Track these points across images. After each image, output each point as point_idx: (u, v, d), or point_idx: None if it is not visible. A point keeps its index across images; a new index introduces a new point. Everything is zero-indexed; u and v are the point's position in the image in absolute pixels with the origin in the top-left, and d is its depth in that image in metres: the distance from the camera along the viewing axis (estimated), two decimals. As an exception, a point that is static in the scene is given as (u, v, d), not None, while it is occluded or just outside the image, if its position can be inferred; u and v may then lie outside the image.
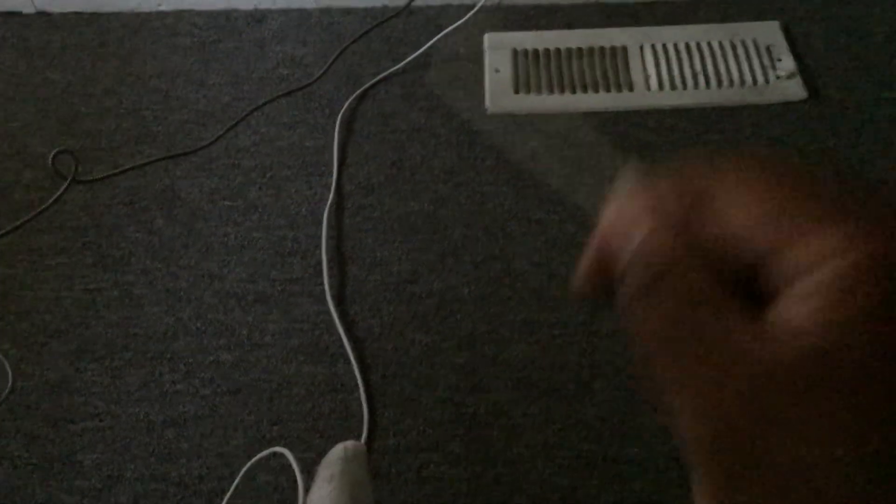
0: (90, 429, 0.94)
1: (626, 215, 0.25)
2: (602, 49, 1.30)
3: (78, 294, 1.06)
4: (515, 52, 1.31)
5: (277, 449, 0.82)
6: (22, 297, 1.06)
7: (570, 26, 1.35)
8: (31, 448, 0.93)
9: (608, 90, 1.24)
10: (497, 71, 1.28)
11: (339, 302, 1.03)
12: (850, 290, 0.21)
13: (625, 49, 1.30)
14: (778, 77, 1.23)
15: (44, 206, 1.13)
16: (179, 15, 1.43)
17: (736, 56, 1.27)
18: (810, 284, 0.22)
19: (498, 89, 1.26)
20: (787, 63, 1.25)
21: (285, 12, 1.41)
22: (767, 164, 0.24)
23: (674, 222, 0.24)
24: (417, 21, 1.37)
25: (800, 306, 0.22)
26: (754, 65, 1.25)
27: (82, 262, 1.09)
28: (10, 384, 0.96)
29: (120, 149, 1.22)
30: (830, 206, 0.23)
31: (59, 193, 1.13)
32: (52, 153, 1.11)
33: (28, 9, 1.44)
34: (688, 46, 1.29)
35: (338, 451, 0.72)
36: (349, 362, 0.97)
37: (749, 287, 0.24)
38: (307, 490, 0.73)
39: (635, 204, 0.25)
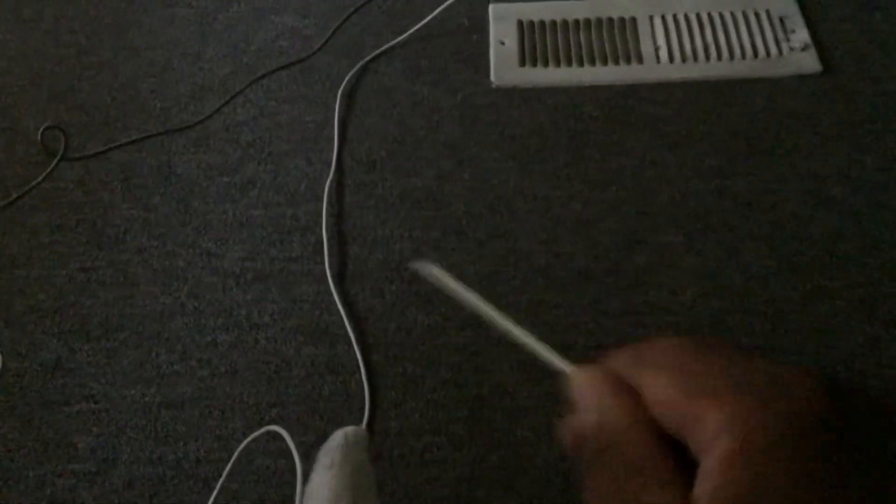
0: (84, 411, 0.92)
1: (581, 398, 0.34)
2: (611, 20, 1.26)
3: (72, 273, 1.03)
4: (521, 24, 1.27)
5: (272, 427, 0.79)
6: (14, 276, 1.03)
7: (577, -3, 1.31)
8: (23, 430, 0.90)
9: (617, 62, 1.21)
10: (502, 43, 1.25)
11: (340, 281, 1.00)
12: (729, 474, 0.27)
13: (634, 20, 1.26)
14: (792, 49, 1.20)
15: (33, 184, 1.10)
16: (176, -15, 1.39)
17: (749, 27, 1.23)
18: (707, 463, 0.28)
19: (503, 62, 1.22)
20: (802, 35, 1.21)
21: (284, -17, 1.37)
22: (681, 352, 0.32)
23: (615, 407, 0.32)
24: (420, -8, 1.33)
25: (703, 484, 0.28)
26: (767, 36, 1.22)
27: (76, 240, 1.06)
28: (1, 364, 0.94)
29: (115, 123, 1.19)
30: (720, 386, 0.29)
31: (48, 170, 1.10)
32: (41, 129, 1.08)
33: (21, -21, 1.40)
34: (699, 17, 1.25)
35: (338, 436, 0.70)
36: (350, 343, 0.95)
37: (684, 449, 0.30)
38: (306, 474, 0.71)
39: (587, 393, 0.34)
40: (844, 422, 0.29)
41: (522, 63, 1.22)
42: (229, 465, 0.82)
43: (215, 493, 0.83)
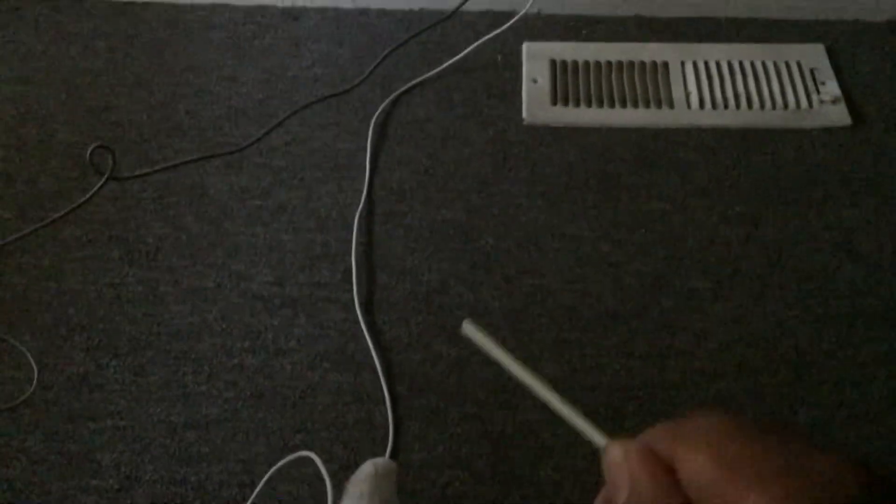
0: (110, 427, 0.92)
1: (615, 473, 0.33)
2: (643, 64, 1.28)
3: (102, 288, 1.04)
4: (554, 63, 1.29)
5: (305, 453, 0.80)
6: (45, 290, 1.04)
7: (610, 39, 1.32)
8: (49, 444, 0.91)
9: (648, 106, 1.22)
10: (535, 81, 1.26)
11: (367, 310, 1.01)
12: None
13: (666, 65, 1.28)
14: (822, 102, 1.21)
15: (79, 203, 1.11)
16: (214, 8, 1.41)
17: (779, 78, 1.24)
18: None
19: (535, 100, 1.24)
20: (832, 87, 1.23)
21: (321, 11, 1.39)
22: (718, 427, 0.31)
23: (649, 483, 0.32)
24: (455, 26, 1.35)
25: None
26: (798, 88, 1.23)
27: (108, 256, 1.07)
28: (35, 378, 0.94)
29: (150, 142, 1.21)
30: (761, 470, 0.29)
31: (95, 190, 1.12)
32: (91, 148, 1.09)
33: (62, -5, 1.43)
34: (730, 65, 1.27)
35: (367, 468, 0.70)
36: (375, 372, 0.95)
37: None
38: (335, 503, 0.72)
39: (621, 469, 0.33)
40: None
41: (554, 102, 1.23)
42: (257, 490, 0.82)
43: (238, 517, 0.83)
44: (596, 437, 0.37)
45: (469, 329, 0.41)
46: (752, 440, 0.30)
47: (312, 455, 0.74)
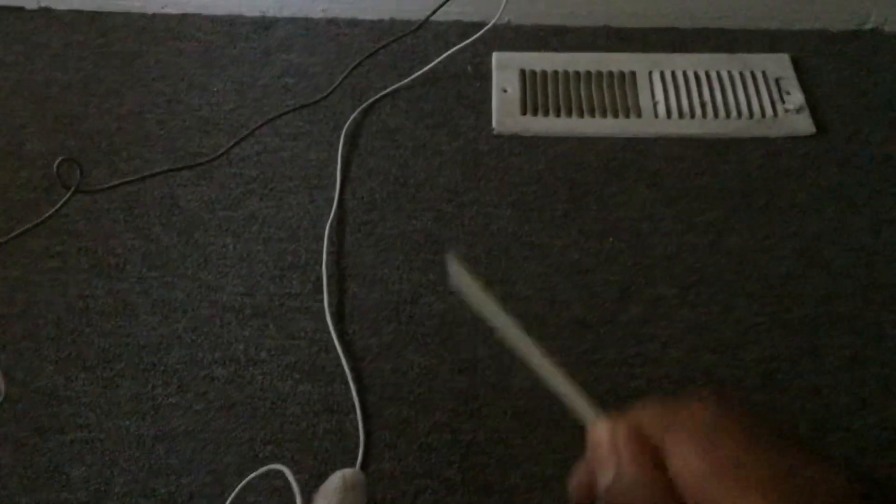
0: (79, 440, 0.92)
1: (600, 452, 0.32)
2: (611, 73, 1.29)
3: (71, 300, 1.04)
4: (524, 73, 1.30)
5: (275, 466, 0.80)
6: (14, 302, 1.03)
7: (579, 49, 1.34)
8: (17, 457, 0.90)
9: (616, 115, 1.23)
10: (505, 91, 1.27)
11: (338, 320, 1.01)
12: None
13: (634, 75, 1.29)
14: (787, 111, 1.23)
15: (45, 216, 1.11)
16: (184, 18, 1.41)
17: (745, 87, 1.26)
18: None
19: (505, 109, 1.25)
20: (796, 97, 1.25)
21: (292, 21, 1.40)
22: (713, 421, 0.30)
23: (636, 466, 0.31)
24: (426, 36, 1.36)
25: None
26: (763, 97, 1.25)
27: (77, 268, 1.07)
28: (4, 391, 0.94)
29: (120, 152, 1.20)
30: (751, 474, 0.28)
31: (61, 203, 1.11)
32: (57, 161, 1.09)
33: (31, 4, 1.42)
34: (696, 75, 1.28)
35: (336, 479, 0.71)
36: (346, 382, 0.96)
37: None
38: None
39: (607, 448, 0.32)
40: None
41: (524, 111, 1.24)
42: (228, 502, 0.82)
43: (208, 528, 0.83)
44: (586, 409, 0.36)
45: (454, 269, 0.37)
46: (746, 442, 0.30)
47: (283, 468, 0.74)
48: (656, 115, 1.23)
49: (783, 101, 1.24)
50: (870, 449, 0.90)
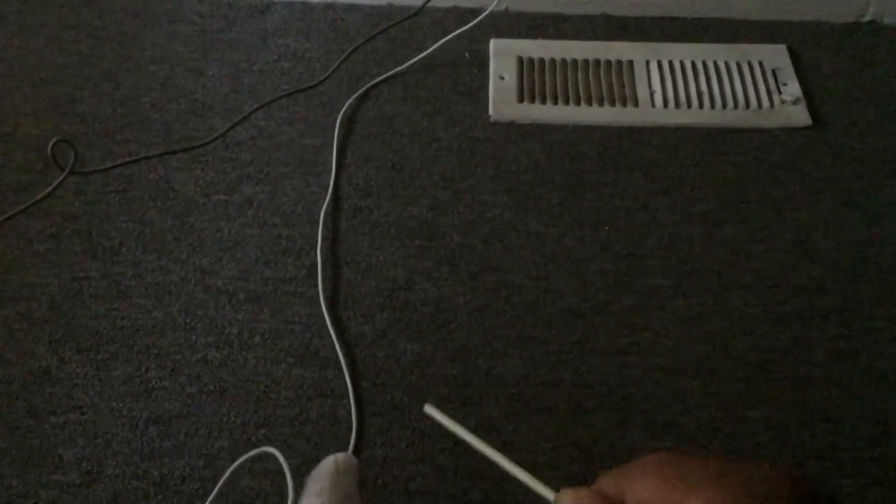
0: (71, 422, 0.92)
1: None
2: (608, 62, 1.29)
3: (65, 282, 1.04)
4: (521, 60, 1.30)
5: (267, 449, 0.80)
6: (7, 283, 1.03)
7: (577, 37, 1.34)
8: (10, 439, 0.90)
9: (613, 104, 1.23)
10: (502, 78, 1.27)
11: (332, 305, 1.02)
12: None
13: (631, 63, 1.29)
14: (783, 102, 1.23)
15: (39, 197, 1.10)
16: (181, 1, 1.40)
17: (742, 78, 1.26)
18: None
19: (502, 97, 1.24)
20: (793, 88, 1.25)
21: (289, 5, 1.39)
22: (660, 461, 0.35)
23: None
24: (423, 22, 1.35)
25: None
26: (760, 88, 1.25)
27: (71, 250, 1.07)
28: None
29: (114, 135, 1.20)
30: (700, 478, 0.32)
31: (55, 184, 1.11)
32: (52, 142, 1.08)
33: (27, -15, 1.41)
34: (694, 65, 1.28)
35: (328, 463, 0.71)
36: (339, 368, 0.96)
37: None
38: (296, 499, 0.72)
39: None
40: None
41: (521, 99, 1.24)
42: (219, 485, 0.82)
43: (200, 512, 0.83)
44: (546, 492, 0.42)
45: (431, 410, 0.50)
46: (691, 461, 0.34)
47: (274, 451, 0.74)
48: (653, 105, 1.23)
49: (780, 92, 1.24)
50: (859, 441, 0.90)
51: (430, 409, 0.48)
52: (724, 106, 1.23)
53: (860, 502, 0.87)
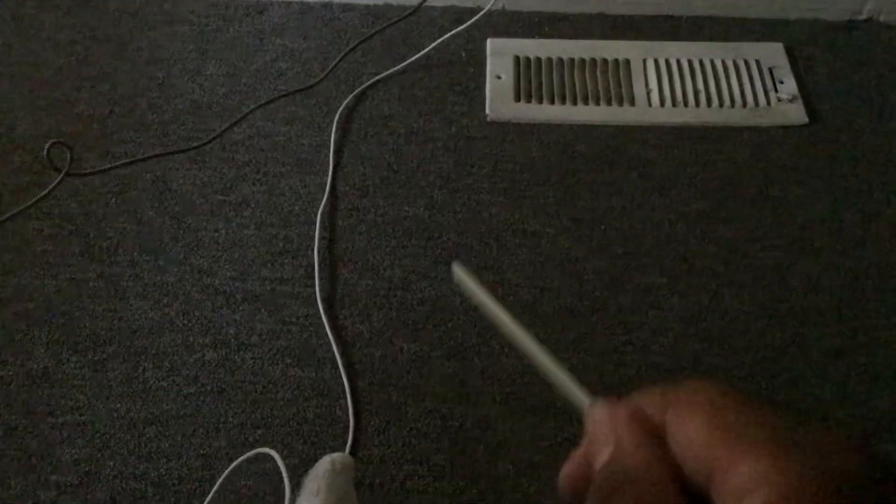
0: (70, 423, 0.92)
1: (598, 436, 0.31)
2: (605, 61, 1.29)
3: (63, 283, 1.04)
4: (518, 60, 1.30)
5: (264, 450, 0.80)
6: (5, 284, 1.04)
7: (573, 36, 1.34)
8: (8, 440, 0.91)
9: (609, 103, 1.23)
10: (498, 77, 1.27)
11: (329, 305, 1.02)
12: None
13: (628, 62, 1.29)
14: (779, 100, 1.23)
15: (36, 199, 1.11)
16: (178, 1, 1.40)
17: (738, 76, 1.26)
18: None
19: (499, 96, 1.25)
20: (789, 86, 1.25)
21: (286, 5, 1.39)
22: (712, 398, 0.29)
23: (636, 443, 0.30)
24: (420, 22, 1.35)
25: None
26: (756, 86, 1.25)
27: (69, 251, 1.07)
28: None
29: (112, 136, 1.20)
30: (759, 436, 0.27)
31: (52, 187, 1.11)
32: (47, 145, 1.08)
33: (24, -14, 1.41)
34: (690, 63, 1.28)
35: (325, 463, 0.71)
36: (336, 367, 0.96)
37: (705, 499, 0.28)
38: (293, 500, 0.72)
39: (606, 427, 0.31)
40: (887, 492, 0.27)
41: (517, 98, 1.24)
42: (217, 486, 0.83)
43: (198, 512, 0.84)
44: (581, 395, 0.35)
45: (459, 274, 0.37)
46: (749, 410, 0.29)
47: (271, 452, 0.74)
48: (650, 104, 1.23)
49: (776, 91, 1.24)
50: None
51: (457, 269, 0.38)
52: (721, 104, 1.23)
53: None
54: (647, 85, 1.26)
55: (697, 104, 1.23)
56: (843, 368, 0.96)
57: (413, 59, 1.28)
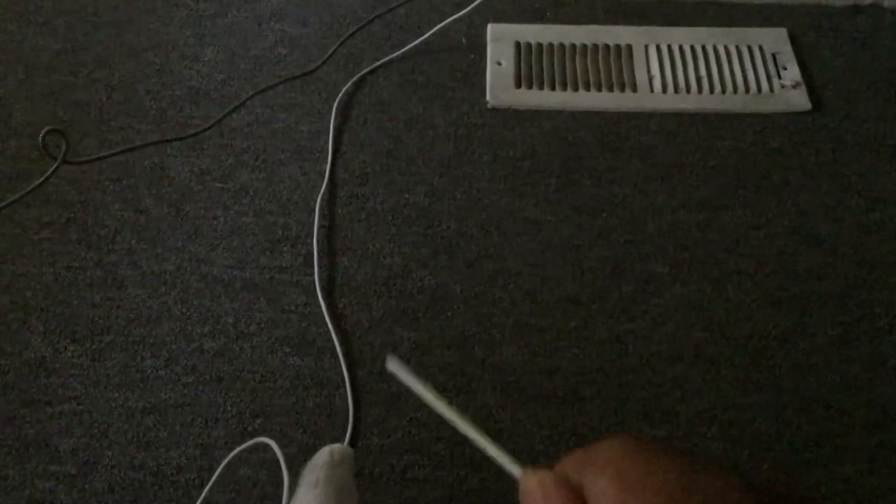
0: (67, 412, 0.92)
1: (533, 500, 0.37)
2: (607, 47, 1.28)
3: (60, 271, 1.03)
4: (519, 45, 1.28)
5: (263, 439, 0.80)
6: (1, 273, 1.03)
7: (575, 21, 1.32)
8: (5, 429, 0.90)
9: (611, 89, 1.22)
10: (499, 63, 1.26)
11: (328, 294, 1.01)
12: None
13: (630, 48, 1.28)
14: (783, 86, 1.22)
15: (33, 187, 1.10)
16: (176, -14, 1.39)
17: (741, 62, 1.25)
18: None
19: (499, 82, 1.23)
20: (793, 72, 1.24)
21: (285, -10, 1.38)
22: (621, 452, 0.35)
23: None
24: (420, 7, 1.34)
25: None
26: (759, 72, 1.24)
27: (66, 239, 1.06)
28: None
29: (109, 122, 1.19)
30: (655, 485, 0.33)
31: (48, 175, 1.10)
32: (43, 132, 1.07)
33: (20, -29, 1.40)
34: (693, 49, 1.27)
35: (324, 454, 0.70)
36: (336, 356, 0.95)
37: None
38: (291, 490, 0.72)
39: (538, 494, 0.37)
40: None
41: (518, 84, 1.23)
42: (216, 475, 0.82)
43: (199, 502, 0.83)
44: (512, 467, 0.41)
45: (393, 365, 0.44)
46: (654, 461, 0.34)
47: (270, 442, 0.74)
48: (652, 90, 1.22)
49: (780, 77, 1.23)
50: (858, 428, 0.90)
51: (392, 365, 0.44)
52: (724, 91, 1.22)
53: (859, 489, 0.86)
54: (649, 71, 1.25)
55: (700, 90, 1.22)
56: (848, 357, 0.95)
57: (413, 44, 1.27)
